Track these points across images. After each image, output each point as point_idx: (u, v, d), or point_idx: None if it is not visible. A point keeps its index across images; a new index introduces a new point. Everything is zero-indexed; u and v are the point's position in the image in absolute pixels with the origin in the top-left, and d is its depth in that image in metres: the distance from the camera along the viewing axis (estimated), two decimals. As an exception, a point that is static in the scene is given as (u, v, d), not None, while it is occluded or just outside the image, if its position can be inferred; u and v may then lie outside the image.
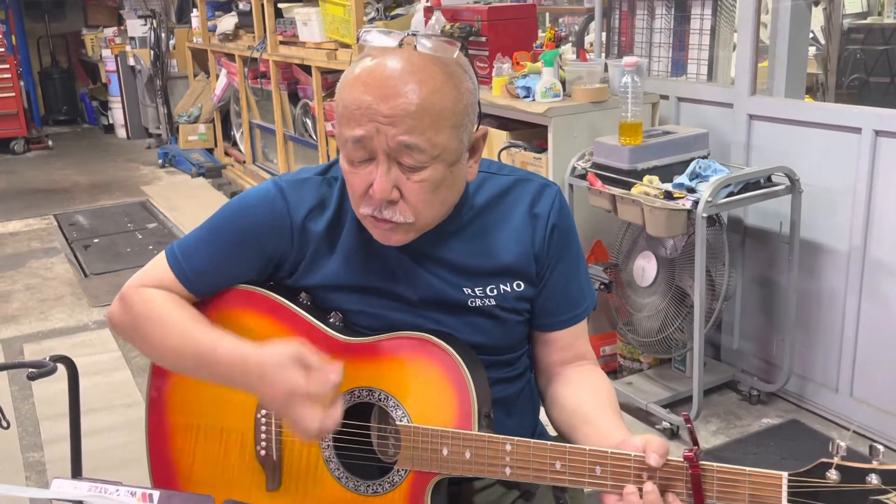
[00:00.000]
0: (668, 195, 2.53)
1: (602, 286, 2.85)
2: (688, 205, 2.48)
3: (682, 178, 2.57)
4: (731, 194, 2.56)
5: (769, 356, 2.97)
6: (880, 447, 0.98)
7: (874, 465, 0.97)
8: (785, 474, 1.00)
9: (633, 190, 2.61)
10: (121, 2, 9.19)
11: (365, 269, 1.25)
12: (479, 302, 1.26)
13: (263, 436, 1.27)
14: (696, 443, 1.05)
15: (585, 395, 1.27)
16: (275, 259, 1.27)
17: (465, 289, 1.25)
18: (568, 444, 1.12)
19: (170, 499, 0.97)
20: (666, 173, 2.65)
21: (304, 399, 1.12)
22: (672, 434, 2.73)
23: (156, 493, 0.96)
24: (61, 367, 1.74)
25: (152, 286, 1.29)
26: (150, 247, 5.02)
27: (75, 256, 4.94)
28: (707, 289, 2.65)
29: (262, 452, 1.27)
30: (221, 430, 1.30)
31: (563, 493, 1.32)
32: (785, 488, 1.00)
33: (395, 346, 1.22)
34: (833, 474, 0.98)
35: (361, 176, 1.14)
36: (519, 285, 1.27)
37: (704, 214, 2.46)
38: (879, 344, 2.63)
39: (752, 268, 2.99)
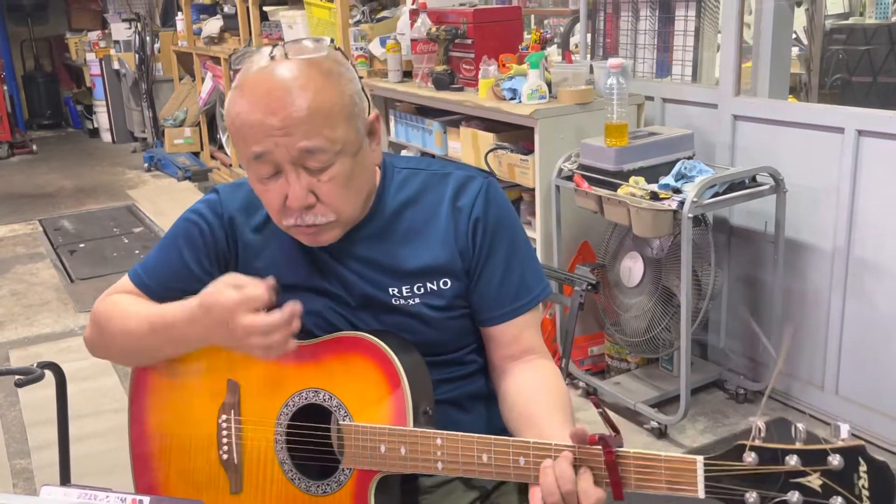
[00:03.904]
0: (654, 196, 2.55)
1: (589, 287, 2.86)
2: (673, 205, 2.50)
3: (668, 179, 2.59)
4: (716, 194, 2.58)
5: (755, 355, 2.99)
6: (801, 427, 0.94)
7: (795, 445, 0.94)
8: (700, 458, 0.98)
9: (620, 191, 2.62)
10: (105, 5, 9.14)
11: (295, 269, 1.29)
12: (403, 302, 1.26)
13: (225, 440, 1.30)
14: (614, 429, 1.03)
15: (532, 395, 1.24)
16: (220, 255, 1.32)
17: (390, 288, 1.27)
18: (493, 437, 1.11)
19: (160, 504, 0.97)
20: (652, 174, 2.66)
21: (245, 309, 1.13)
22: (660, 433, 2.75)
23: (146, 499, 0.96)
24: (48, 374, 1.73)
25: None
26: (137, 251, 5.00)
27: (61, 261, 4.90)
28: (693, 288, 2.67)
29: (225, 456, 1.29)
30: (191, 436, 1.33)
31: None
32: (700, 473, 0.98)
33: (335, 347, 1.25)
34: (750, 457, 0.95)
35: (274, 191, 1.17)
36: (446, 283, 1.27)
37: (690, 215, 2.47)
38: (864, 342, 2.65)
39: (738, 267, 3.01)
